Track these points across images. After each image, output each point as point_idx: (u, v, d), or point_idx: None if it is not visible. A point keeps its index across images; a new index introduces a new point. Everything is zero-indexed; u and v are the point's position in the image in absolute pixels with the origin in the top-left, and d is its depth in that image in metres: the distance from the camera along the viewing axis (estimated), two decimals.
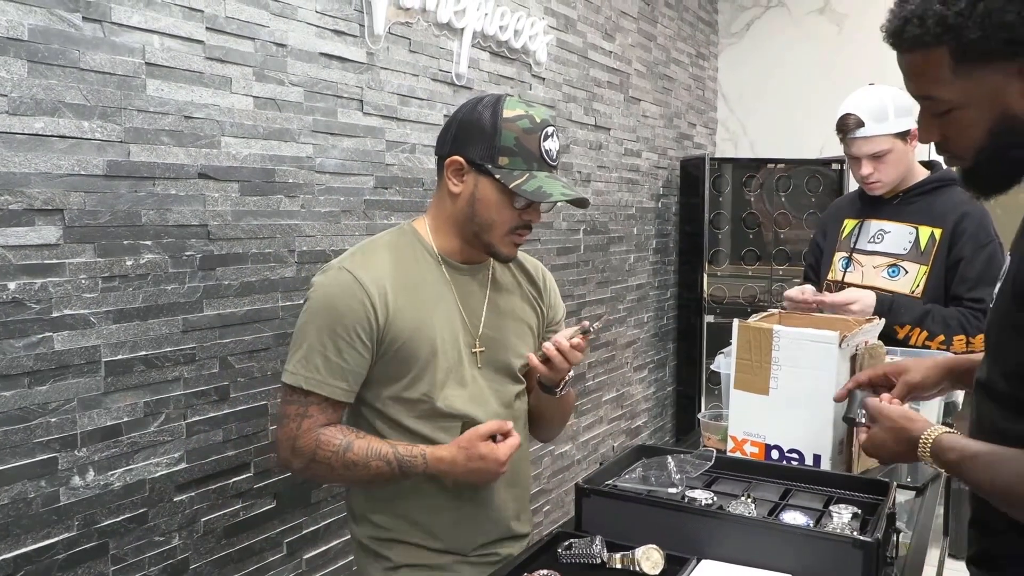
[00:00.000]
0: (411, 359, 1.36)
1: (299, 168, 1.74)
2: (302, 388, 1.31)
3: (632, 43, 3.17)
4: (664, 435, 3.66)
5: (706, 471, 1.46)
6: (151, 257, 1.46)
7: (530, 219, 1.40)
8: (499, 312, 1.47)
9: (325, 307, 1.32)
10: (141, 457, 1.47)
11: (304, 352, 1.32)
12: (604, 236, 3.04)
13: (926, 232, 2.19)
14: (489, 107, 1.36)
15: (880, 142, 2.15)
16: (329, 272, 1.36)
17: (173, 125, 1.48)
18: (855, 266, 2.31)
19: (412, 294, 1.37)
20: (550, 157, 1.37)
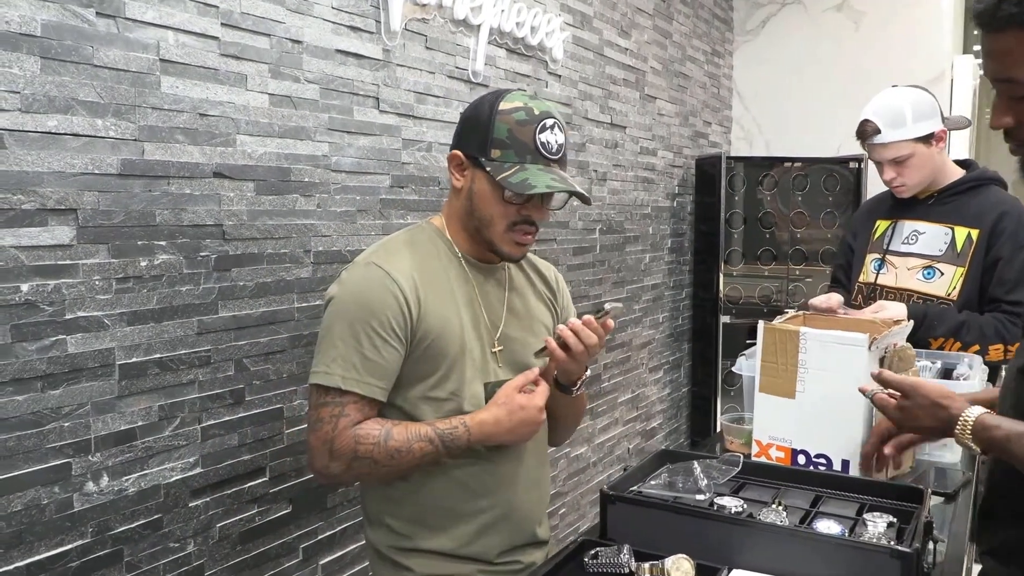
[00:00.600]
0: (440, 356, 1.33)
1: (315, 167, 1.71)
2: (339, 388, 1.27)
3: (648, 40, 3.13)
4: (679, 436, 3.62)
5: (732, 477, 1.43)
6: (165, 258, 1.43)
7: (529, 215, 1.35)
8: (517, 312, 1.45)
9: (357, 303, 1.29)
10: (156, 462, 1.44)
11: (340, 350, 1.27)
12: (620, 236, 3.00)
13: (962, 233, 2.13)
14: (489, 100, 1.35)
15: (899, 148, 2.11)
16: (356, 268, 1.34)
17: (188, 123, 1.45)
18: (888, 268, 2.26)
19: (438, 290, 1.35)
20: (547, 150, 1.32)
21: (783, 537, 1.20)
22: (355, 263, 1.36)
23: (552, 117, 1.34)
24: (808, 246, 3.55)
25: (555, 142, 1.34)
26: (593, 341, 1.35)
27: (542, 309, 1.51)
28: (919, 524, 1.20)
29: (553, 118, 1.34)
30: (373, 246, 1.40)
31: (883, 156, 2.15)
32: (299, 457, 1.72)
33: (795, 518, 1.30)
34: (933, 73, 3.51)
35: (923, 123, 2.11)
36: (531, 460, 1.46)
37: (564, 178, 1.33)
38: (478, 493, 1.38)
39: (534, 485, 1.47)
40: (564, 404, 1.49)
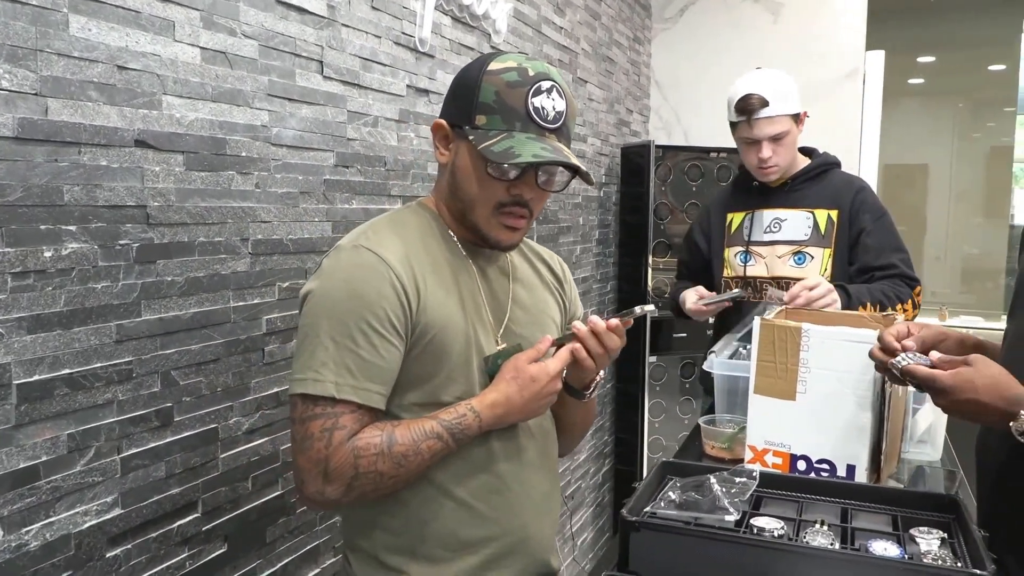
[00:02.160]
0: (443, 354, 1.15)
1: (253, 139, 1.43)
2: (331, 397, 1.07)
3: (580, 20, 2.97)
4: (604, 434, 3.51)
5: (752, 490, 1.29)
6: (76, 246, 1.13)
7: (520, 194, 1.15)
8: (523, 305, 1.28)
9: (349, 294, 1.08)
10: (64, 506, 1.13)
11: (330, 352, 1.07)
12: (554, 226, 2.84)
13: (823, 215, 2.18)
14: (480, 61, 1.17)
15: (782, 122, 2.12)
16: (343, 253, 1.12)
17: (103, 76, 1.15)
18: (756, 259, 2.25)
19: (438, 277, 1.16)
20: (542, 116, 1.12)
21: (841, 564, 1.07)
22: (338, 248, 1.15)
23: (550, 79, 1.14)
24: None
25: (552, 108, 1.13)
26: (615, 344, 1.21)
27: (550, 302, 1.34)
28: (977, 540, 1.09)
29: (551, 80, 1.14)
30: (356, 229, 1.19)
31: (765, 132, 2.13)
32: (235, 486, 1.44)
33: (836, 537, 1.17)
34: (848, 67, 3.56)
35: (797, 101, 2.17)
36: (543, 476, 1.28)
37: (559, 149, 1.12)
38: (486, 517, 1.20)
39: (547, 506, 1.29)
40: (574, 409, 1.34)
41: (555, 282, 1.37)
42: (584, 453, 3.30)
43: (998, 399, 1.10)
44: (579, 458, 3.24)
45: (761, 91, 2.12)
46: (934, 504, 1.25)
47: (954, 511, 1.23)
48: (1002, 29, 5.31)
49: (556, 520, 1.34)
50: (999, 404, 1.10)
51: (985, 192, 5.75)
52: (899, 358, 1.24)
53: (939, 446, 1.76)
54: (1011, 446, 1.13)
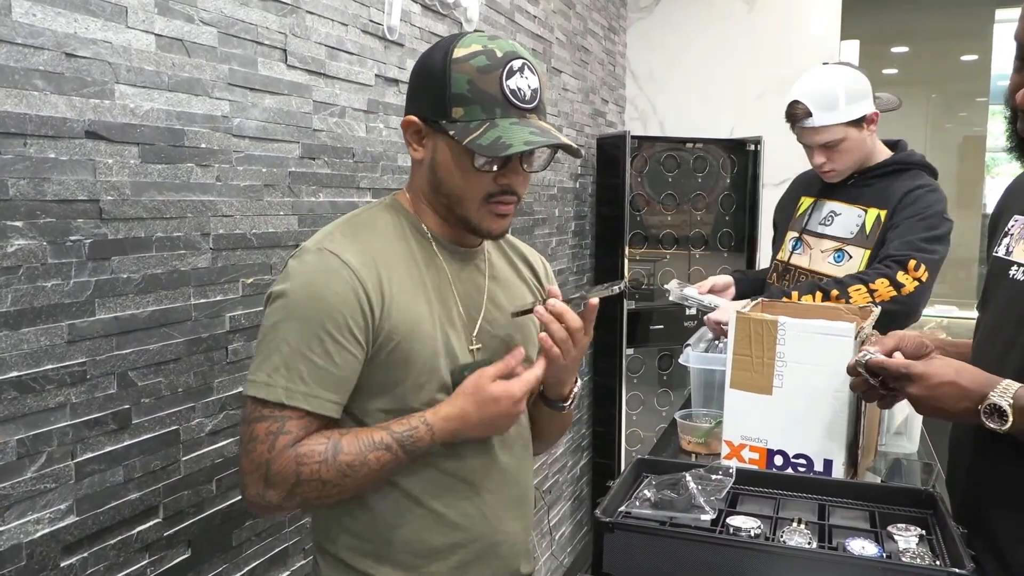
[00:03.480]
0: (409, 361, 1.11)
1: (213, 130, 1.38)
2: (281, 402, 1.04)
3: (554, 9, 2.93)
4: (581, 427, 3.49)
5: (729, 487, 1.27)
6: (24, 243, 1.08)
7: (508, 183, 1.12)
8: (500, 304, 1.22)
9: (310, 297, 1.06)
10: (14, 514, 1.08)
11: (283, 356, 1.05)
12: (530, 218, 2.80)
13: (873, 214, 2.07)
14: (440, 49, 1.11)
15: (831, 132, 2.01)
16: (307, 256, 1.09)
17: (50, 65, 1.10)
18: (804, 248, 2.20)
19: (406, 279, 1.13)
20: (519, 97, 1.08)
21: (819, 564, 1.05)
22: (303, 249, 1.12)
23: (519, 57, 1.09)
24: (707, 229, 3.51)
25: (527, 87, 1.09)
26: (576, 324, 1.16)
27: (528, 298, 1.28)
28: (956, 537, 1.08)
29: (521, 58, 1.09)
30: (326, 228, 1.16)
31: (814, 140, 2.05)
32: (199, 489, 1.39)
33: (813, 535, 1.15)
34: (822, 58, 3.54)
35: (856, 105, 2.01)
36: (516, 481, 1.25)
37: (546, 130, 1.09)
38: (455, 524, 1.17)
39: (519, 511, 1.26)
40: (549, 418, 1.30)
41: (535, 280, 1.33)
42: (561, 447, 3.27)
43: (973, 382, 1.10)
44: (556, 452, 3.22)
45: (807, 99, 2.00)
46: (912, 499, 1.24)
47: (932, 506, 1.21)
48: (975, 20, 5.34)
49: (529, 524, 1.31)
50: (973, 387, 1.09)
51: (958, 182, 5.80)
52: (862, 353, 1.23)
53: (915, 439, 1.76)
54: (981, 436, 1.12)
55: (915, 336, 1.28)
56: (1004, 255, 1.25)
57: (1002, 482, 1.17)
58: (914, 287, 1.89)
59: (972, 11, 5.39)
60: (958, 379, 1.11)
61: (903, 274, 1.90)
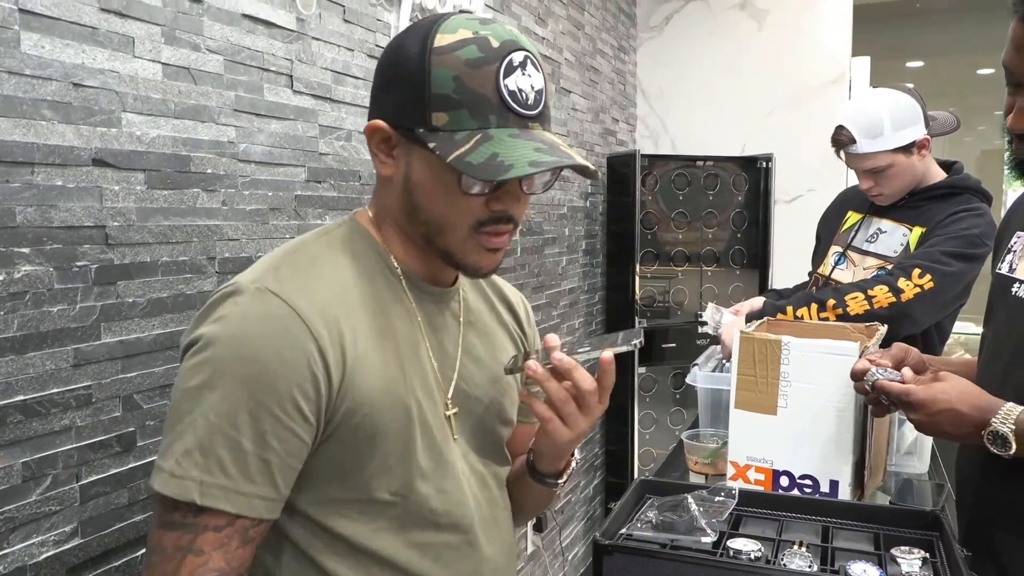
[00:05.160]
0: (376, 437, 0.86)
1: (219, 155, 1.40)
2: (193, 502, 0.78)
3: (562, 30, 2.96)
4: (594, 446, 3.48)
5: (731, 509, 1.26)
6: (29, 269, 1.10)
7: (503, 209, 0.88)
8: (477, 357, 1.00)
9: (240, 358, 0.79)
10: (19, 537, 1.10)
11: (199, 436, 0.78)
12: (539, 237, 2.81)
13: (917, 233, 2.03)
14: (419, 34, 0.85)
15: (877, 159, 1.97)
16: (241, 297, 0.82)
17: (58, 95, 1.12)
18: (848, 264, 2.16)
19: (376, 332, 0.88)
20: (520, 101, 0.83)
21: None
22: (236, 287, 0.84)
23: (521, 48, 0.85)
24: (719, 247, 3.50)
25: (530, 87, 0.84)
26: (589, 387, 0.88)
27: (509, 350, 1.07)
28: (959, 561, 1.06)
29: (523, 49, 0.85)
30: (267, 258, 0.90)
31: (858, 166, 2.02)
32: None
33: (815, 557, 1.14)
34: (833, 74, 3.55)
35: (903, 132, 1.96)
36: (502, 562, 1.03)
37: (553, 144, 0.85)
38: None
39: None
40: (537, 493, 1.08)
41: (515, 325, 1.11)
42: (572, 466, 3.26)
43: (973, 408, 1.09)
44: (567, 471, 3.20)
45: (852, 126, 1.97)
46: (917, 521, 1.23)
47: (937, 528, 1.20)
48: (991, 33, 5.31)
49: None
50: (974, 413, 1.08)
51: None
52: (871, 372, 1.22)
53: (926, 458, 1.73)
54: (988, 459, 1.11)
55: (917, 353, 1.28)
56: (1007, 272, 1.24)
57: (1010, 505, 1.16)
58: (914, 294, 1.86)
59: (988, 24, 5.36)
60: (958, 405, 1.10)
61: (904, 280, 1.87)
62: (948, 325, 2.09)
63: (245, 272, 0.87)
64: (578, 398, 0.88)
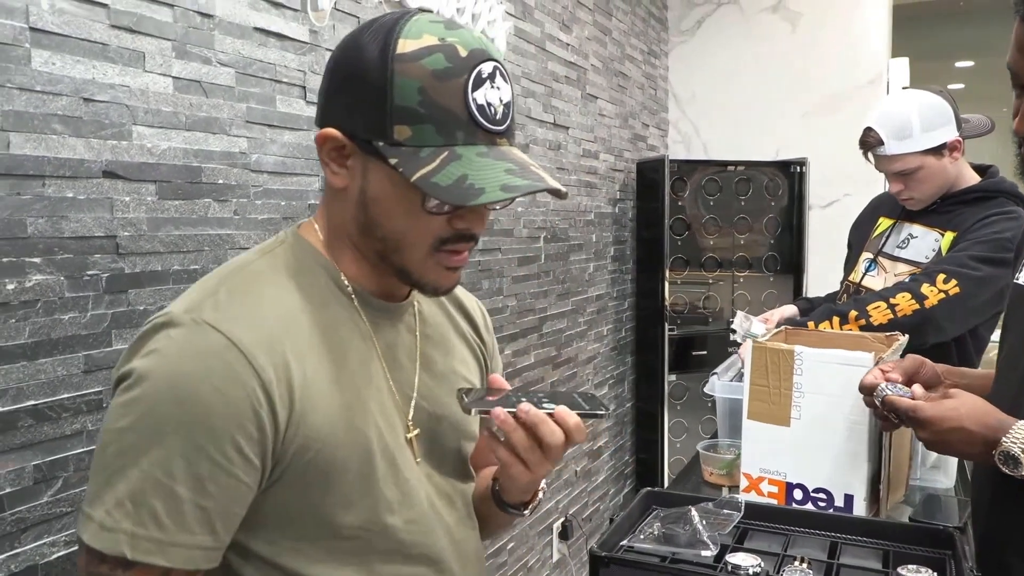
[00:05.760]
0: (332, 474, 0.80)
1: (231, 166, 1.43)
2: (123, 556, 0.71)
3: (588, 36, 2.95)
4: (624, 454, 3.45)
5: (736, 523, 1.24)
6: (41, 278, 1.13)
7: (467, 227, 0.83)
8: (435, 371, 0.94)
9: (176, 399, 0.72)
10: (30, 537, 1.13)
11: (131, 485, 0.72)
12: (564, 244, 2.80)
13: (949, 238, 1.96)
14: (379, 35, 0.78)
15: (905, 160, 1.92)
16: (177, 331, 0.75)
17: (68, 109, 1.16)
18: (879, 270, 2.11)
19: (326, 359, 0.82)
20: (489, 116, 0.78)
21: None
22: (170, 316, 0.77)
23: (489, 58, 0.79)
24: (751, 252, 3.45)
25: (499, 101, 0.79)
26: (558, 440, 0.83)
27: (469, 361, 1.01)
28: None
29: (492, 60, 0.79)
30: (207, 279, 0.83)
31: (887, 168, 1.97)
32: None
33: (817, 575, 1.11)
34: (870, 76, 3.47)
35: (933, 133, 1.91)
36: None
37: (524, 164, 0.80)
38: None
39: None
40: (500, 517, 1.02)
41: (473, 334, 1.04)
42: (603, 474, 3.24)
43: (982, 426, 1.05)
44: (597, 479, 3.19)
45: (880, 127, 1.92)
46: (929, 539, 1.19)
47: (950, 546, 1.16)
48: None
49: None
50: (983, 431, 1.04)
51: None
52: (881, 387, 1.19)
53: (952, 473, 1.68)
54: (1001, 478, 1.07)
55: (932, 366, 1.24)
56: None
57: (1022, 527, 1.12)
58: (938, 300, 1.80)
59: None
60: (967, 423, 1.06)
61: (928, 286, 1.81)
62: (985, 333, 2.02)
63: (180, 298, 0.80)
64: (542, 446, 0.83)
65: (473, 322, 1.05)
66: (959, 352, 1.92)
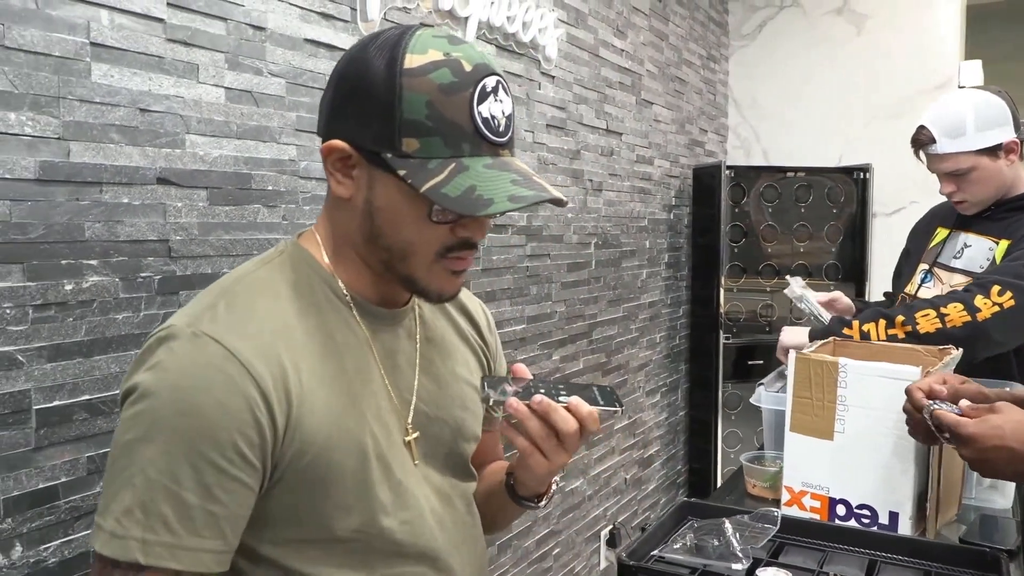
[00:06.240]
0: (330, 477, 0.83)
1: (280, 173, 1.48)
2: (136, 562, 0.74)
3: (644, 41, 2.93)
4: (676, 463, 3.41)
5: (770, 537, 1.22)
6: (97, 280, 1.20)
7: (470, 235, 0.86)
8: (436, 375, 0.96)
9: (179, 411, 0.76)
10: (83, 525, 1.20)
11: (139, 493, 0.75)
12: (616, 250, 2.79)
13: (1003, 246, 1.89)
14: (385, 50, 0.81)
15: (957, 160, 1.86)
16: (178, 344, 0.78)
17: (125, 119, 1.22)
18: (935, 281, 2.04)
19: (323, 366, 0.84)
20: (493, 129, 0.81)
21: None
22: (172, 329, 0.80)
23: (493, 72, 0.83)
24: (811, 260, 3.37)
25: (502, 114, 0.83)
26: (571, 428, 0.85)
27: (470, 361, 1.03)
28: None
29: (495, 74, 0.83)
30: (203, 294, 0.86)
31: (939, 168, 1.91)
32: None
33: None
34: (939, 79, 3.35)
35: (988, 133, 1.85)
36: None
37: (527, 175, 0.83)
38: None
39: None
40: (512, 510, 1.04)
41: (476, 336, 1.06)
42: (654, 483, 3.21)
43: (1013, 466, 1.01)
44: (648, 488, 3.16)
45: (932, 125, 1.88)
46: (975, 561, 1.14)
47: (996, 570, 1.12)
48: None
49: None
50: None
51: None
52: (929, 404, 1.15)
53: (1010, 493, 1.61)
54: None
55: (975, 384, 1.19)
56: None
57: None
58: (992, 313, 1.72)
59: None
60: (1010, 442, 1.02)
61: (982, 298, 1.73)
62: None
63: (181, 311, 0.84)
64: (558, 435, 0.86)
65: (476, 323, 1.06)
66: (1020, 366, 1.85)
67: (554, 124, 2.37)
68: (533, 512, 2.35)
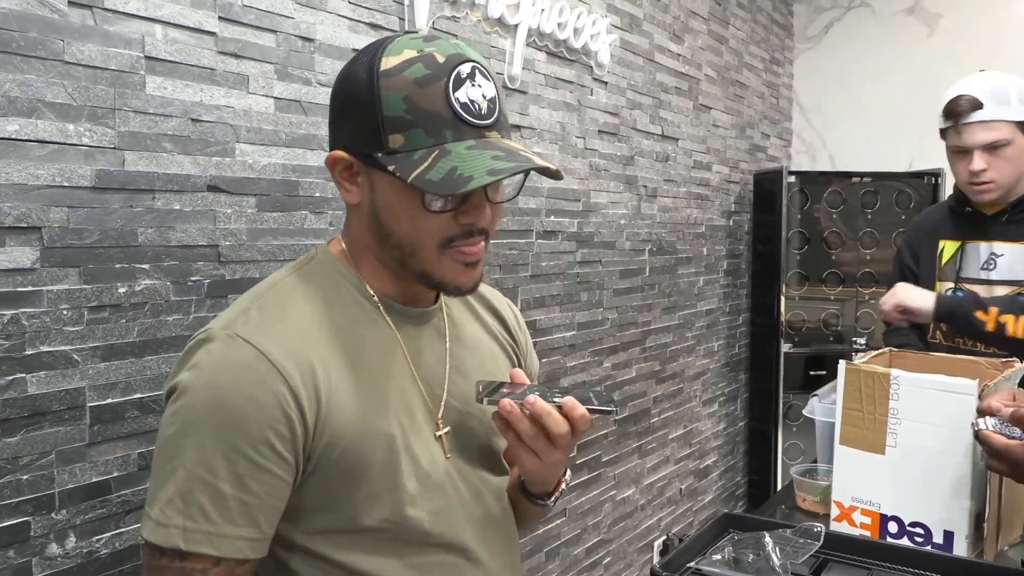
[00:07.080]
0: (360, 469, 0.87)
1: (327, 180, 1.51)
2: (178, 548, 0.80)
3: (702, 46, 2.89)
4: (735, 475, 3.34)
5: (812, 553, 1.18)
6: (149, 283, 1.25)
7: (472, 222, 0.88)
8: (466, 370, 0.99)
9: (213, 408, 0.81)
10: (133, 519, 1.25)
11: (179, 485, 0.80)
12: (671, 257, 2.75)
13: None
14: (365, 59, 0.86)
15: (1000, 128, 1.79)
16: (213, 345, 0.84)
17: (178, 129, 1.27)
18: None
19: (351, 363, 0.89)
20: (473, 112, 0.84)
21: None
22: (209, 332, 0.86)
23: (467, 60, 0.85)
24: (878, 268, 3.25)
25: (481, 97, 0.85)
26: (563, 430, 0.88)
27: (499, 358, 1.06)
28: None
29: (469, 61, 0.85)
30: (240, 300, 0.91)
31: (978, 139, 1.82)
32: None
33: None
34: None
35: None
36: None
37: (512, 150, 0.85)
38: None
39: None
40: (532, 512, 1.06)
41: (505, 334, 1.09)
42: (711, 494, 3.15)
43: None
44: (705, 499, 3.10)
45: (974, 92, 1.82)
46: None
47: None
48: None
49: None
50: None
51: None
52: (979, 420, 1.10)
53: None
54: None
55: None
56: None
57: None
58: None
59: None
60: None
61: None
62: None
63: (219, 316, 0.89)
64: (549, 437, 0.88)
65: (504, 322, 1.09)
66: None
67: (606, 130, 2.36)
68: (582, 520, 2.34)
